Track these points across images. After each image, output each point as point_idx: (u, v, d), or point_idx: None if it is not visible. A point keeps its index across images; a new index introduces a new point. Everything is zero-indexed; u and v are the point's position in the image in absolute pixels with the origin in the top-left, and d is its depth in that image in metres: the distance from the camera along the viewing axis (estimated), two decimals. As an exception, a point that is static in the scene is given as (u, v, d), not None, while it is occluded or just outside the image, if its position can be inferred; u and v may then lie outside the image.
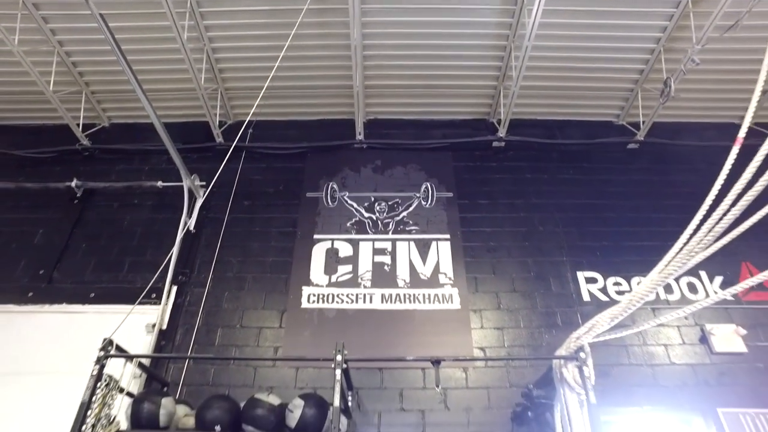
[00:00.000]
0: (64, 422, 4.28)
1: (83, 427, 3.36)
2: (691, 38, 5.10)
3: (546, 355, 4.45)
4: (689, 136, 6.45)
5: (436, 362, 3.94)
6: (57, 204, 5.86)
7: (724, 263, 5.32)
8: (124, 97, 6.32)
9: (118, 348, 3.77)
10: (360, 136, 6.34)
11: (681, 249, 3.21)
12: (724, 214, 2.98)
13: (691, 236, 3.13)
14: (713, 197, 3.19)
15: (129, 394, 3.99)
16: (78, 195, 5.83)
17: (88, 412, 3.43)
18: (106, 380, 3.65)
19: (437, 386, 3.89)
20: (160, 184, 5.75)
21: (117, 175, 6.10)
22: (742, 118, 6.46)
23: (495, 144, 6.35)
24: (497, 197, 5.99)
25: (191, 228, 5.55)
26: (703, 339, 4.90)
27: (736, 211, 2.82)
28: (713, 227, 3.00)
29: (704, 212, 3.25)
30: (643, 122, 6.24)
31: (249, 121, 5.14)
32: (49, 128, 6.59)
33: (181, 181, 5.57)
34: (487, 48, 5.89)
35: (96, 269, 5.38)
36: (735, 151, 3.24)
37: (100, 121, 6.63)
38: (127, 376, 4.06)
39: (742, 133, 3.28)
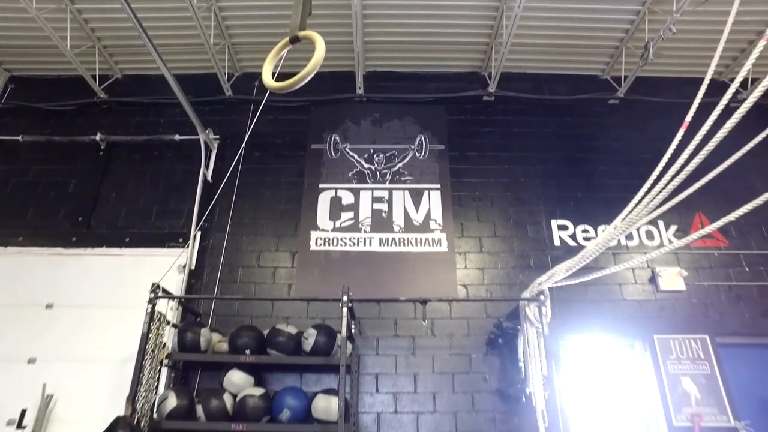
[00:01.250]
0: (115, 345, 5.30)
1: (145, 352, 4.26)
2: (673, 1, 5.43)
3: (514, 297, 5.29)
4: (669, 92, 6.79)
5: (423, 302, 4.82)
6: (84, 156, 6.40)
7: (681, 213, 6.01)
8: (135, 51, 6.62)
9: (164, 290, 4.60)
10: (360, 90, 6.75)
11: (639, 202, 3.85)
12: (681, 169, 3.54)
13: (649, 190, 3.75)
14: (671, 153, 3.70)
15: (174, 326, 4.89)
16: (102, 147, 6.37)
17: (147, 341, 4.32)
18: (157, 316, 4.51)
19: (424, 321, 4.80)
20: (177, 137, 6.27)
21: (135, 128, 6.58)
22: (721, 74, 6.91)
23: (485, 98, 6.80)
24: (485, 150, 6.56)
25: (209, 178, 6.18)
26: (652, 279, 5.76)
27: (690, 167, 3.31)
28: (669, 182, 3.56)
29: (662, 167, 3.81)
30: (626, 77, 6.64)
31: (256, 73, 5.56)
32: (64, 80, 6.95)
33: (195, 134, 6.07)
34: (480, 9, 6.15)
35: (127, 216, 6.08)
36: (680, 133, 3.78)
37: (113, 73, 6.98)
38: (169, 310, 4.95)
39: (688, 117, 3.79)
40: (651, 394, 5.34)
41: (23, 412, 4.52)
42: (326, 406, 4.47)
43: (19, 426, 4.46)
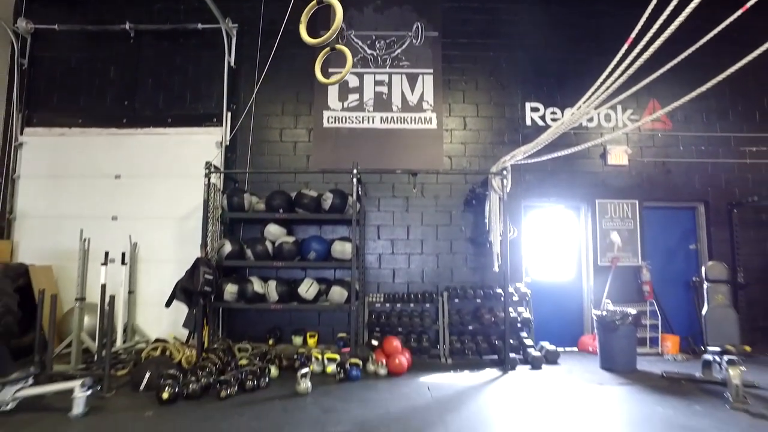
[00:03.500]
0: (174, 207, 6.76)
1: (208, 213, 5.78)
2: None
3: (485, 171, 6.61)
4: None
5: (414, 174, 6.21)
6: (118, 44, 7.15)
7: (639, 99, 7.00)
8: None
9: (214, 167, 5.93)
10: (363, -25, 7.24)
11: (594, 91, 4.80)
12: (636, 58, 4.29)
13: (608, 76, 4.63)
14: (626, 47, 4.45)
15: (223, 192, 6.34)
16: (132, 35, 7.09)
17: (208, 205, 5.80)
18: (212, 186, 5.92)
19: (414, 188, 6.25)
20: (199, 26, 6.98)
21: (158, 15, 7.19)
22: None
23: (479, -17, 7.31)
24: (474, 37, 7.31)
25: (232, 64, 7.07)
26: (603, 155, 7.06)
27: (646, 55, 3.98)
28: (624, 71, 4.33)
29: (620, 56, 4.52)
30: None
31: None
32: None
33: (215, 22, 6.77)
34: None
35: (165, 100, 7.11)
36: (638, 27, 4.50)
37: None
38: (217, 179, 6.34)
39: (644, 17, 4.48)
40: (586, 243, 7.05)
41: (123, 255, 6.17)
42: (342, 249, 6.10)
43: (123, 263, 6.16)
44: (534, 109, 7.19)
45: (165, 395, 4.11)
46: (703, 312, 5.07)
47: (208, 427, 3.60)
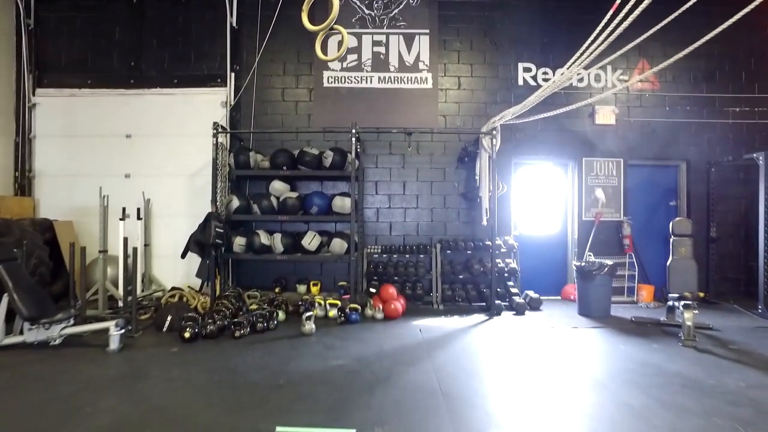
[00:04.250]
0: (183, 164, 7.13)
1: (216, 170, 6.18)
2: None
3: (475, 131, 6.93)
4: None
5: (409, 133, 6.56)
6: (121, 5, 7.29)
7: (629, 59, 7.25)
8: None
9: (222, 127, 6.27)
10: (360, -67, 7.27)
11: (582, 52, 5.08)
12: (623, 19, 4.56)
13: (595, 38, 4.89)
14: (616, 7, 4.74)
15: (230, 151, 6.71)
16: (135, -5, 7.25)
17: (217, 163, 6.19)
18: (220, 145, 6.29)
19: (408, 147, 6.61)
20: (200, -16, 7.13)
21: (160, -26, 7.33)
22: None
23: (477, -59, 7.34)
24: (471, -4, 7.44)
25: (234, 24, 7.25)
26: (591, 115, 7.35)
27: (631, 18, 4.24)
28: (613, 31, 4.61)
29: (609, 17, 4.80)
30: None
31: None
32: None
33: (215, -20, 6.96)
34: None
35: (170, 60, 7.33)
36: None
37: None
38: (223, 138, 6.69)
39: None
40: (572, 199, 7.48)
41: (138, 210, 6.63)
42: (342, 204, 6.55)
43: (139, 218, 6.63)
44: (526, 69, 7.42)
45: (187, 334, 4.68)
46: (668, 263, 5.57)
47: (225, 360, 4.16)
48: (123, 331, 4.39)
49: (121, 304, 5.92)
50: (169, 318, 5.17)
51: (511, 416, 2.98)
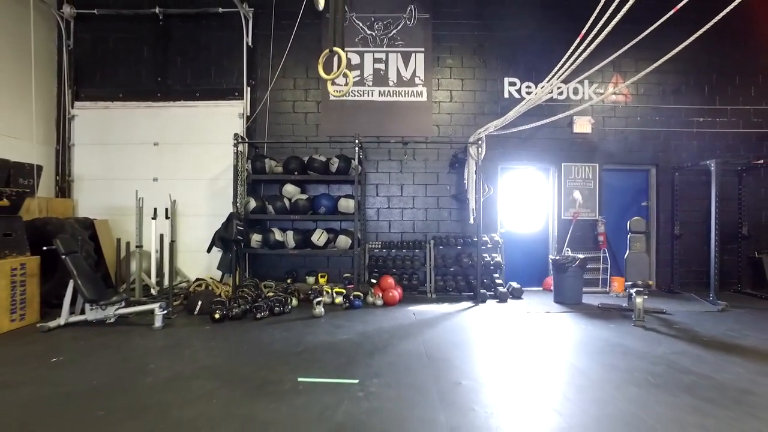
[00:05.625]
0: (204, 169, 7.98)
1: (237, 176, 7.06)
2: None
3: (464, 140, 7.80)
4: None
5: (405, 142, 7.42)
6: (149, 26, 8.16)
7: (604, 74, 8.12)
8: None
9: (241, 137, 7.15)
10: (362, -39, 8.12)
11: (560, 68, 6.03)
12: (593, 40, 5.51)
13: (569, 56, 5.79)
14: (590, 23, 5.80)
15: (247, 158, 7.59)
16: (161, 18, 8.10)
17: (237, 169, 7.07)
18: (240, 154, 7.17)
19: (405, 155, 7.47)
20: (219, 9, 7.97)
21: (184, 0, 8.19)
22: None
23: (467, -32, 8.18)
24: (461, 18, 8.27)
25: (250, 44, 8.12)
26: (570, 124, 8.19)
27: (599, 39, 5.41)
28: (583, 51, 5.57)
29: (584, 32, 5.86)
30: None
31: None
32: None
33: (233, 6, 7.81)
34: None
35: (193, 76, 8.21)
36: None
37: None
38: (242, 146, 7.57)
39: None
40: (553, 200, 8.34)
41: (166, 210, 7.52)
42: (346, 204, 7.41)
43: (167, 217, 7.52)
44: (511, 84, 8.26)
45: (216, 315, 5.57)
46: (625, 256, 6.43)
47: (251, 335, 5.04)
48: (165, 312, 5.29)
49: (153, 291, 6.82)
50: (199, 303, 6.06)
51: (479, 371, 3.86)
